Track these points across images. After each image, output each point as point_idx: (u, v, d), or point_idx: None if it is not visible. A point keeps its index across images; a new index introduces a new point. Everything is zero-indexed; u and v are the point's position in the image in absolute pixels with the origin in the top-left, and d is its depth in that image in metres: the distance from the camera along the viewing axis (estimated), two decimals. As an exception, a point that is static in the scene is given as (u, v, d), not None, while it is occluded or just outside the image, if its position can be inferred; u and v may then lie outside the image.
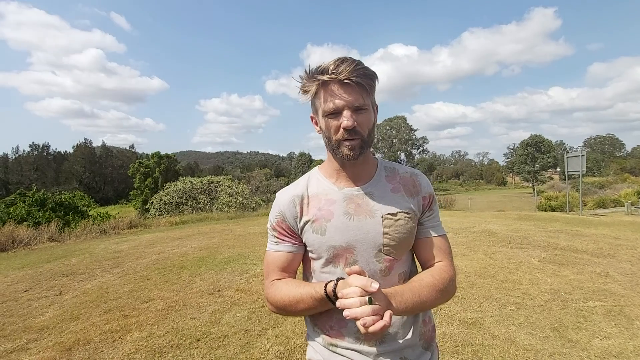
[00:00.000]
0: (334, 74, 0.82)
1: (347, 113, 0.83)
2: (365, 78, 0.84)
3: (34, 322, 3.29)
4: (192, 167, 74.61)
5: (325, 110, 0.86)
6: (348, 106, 0.83)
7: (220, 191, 16.88)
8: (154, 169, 44.93)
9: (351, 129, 0.84)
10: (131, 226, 10.60)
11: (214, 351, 2.60)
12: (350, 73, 0.82)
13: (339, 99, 0.83)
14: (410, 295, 0.83)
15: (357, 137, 0.86)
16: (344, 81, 0.82)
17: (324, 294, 0.83)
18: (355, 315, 0.70)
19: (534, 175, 54.64)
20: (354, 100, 0.83)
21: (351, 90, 0.83)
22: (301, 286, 0.90)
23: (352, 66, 0.82)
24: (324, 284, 0.85)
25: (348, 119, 0.83)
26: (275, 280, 0.96)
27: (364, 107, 0.85)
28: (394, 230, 0.91)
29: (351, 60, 0.84)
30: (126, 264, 5.48)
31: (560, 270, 4.27)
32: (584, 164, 11.41)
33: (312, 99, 0.90)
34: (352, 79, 0.82)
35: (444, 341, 2.62)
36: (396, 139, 63.72)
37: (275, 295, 0.92)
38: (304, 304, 0.87)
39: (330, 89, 0.84)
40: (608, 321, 2.84)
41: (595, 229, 7.34)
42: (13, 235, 7.78)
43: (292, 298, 0.89)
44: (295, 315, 0.95)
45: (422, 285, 0.87)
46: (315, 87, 0.87)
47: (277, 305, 0.92)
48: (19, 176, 59.29)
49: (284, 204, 0.96)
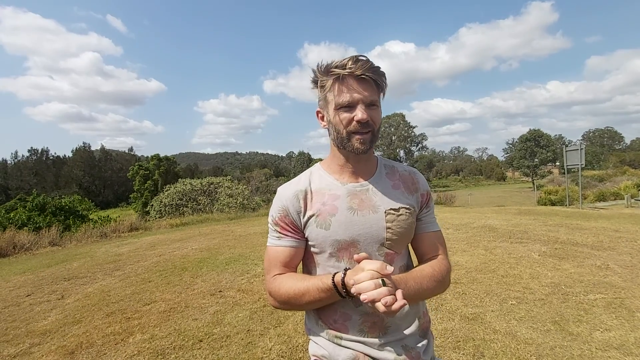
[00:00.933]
0: (350, 69, 0.86)
1: (361, 106, 0.87)
2: (379, 76, 0.89)
3: (36, 326, 3.29)
4: (192, 169, 74.49)
5: (339, 103, 0.89)
6: (363, 100, 0.88)
7: (220, 192, 16.86)
8: (153, 172, 44.88)
9: (365, 122, 0.87)
10: (132, 229, 10.60)
11: (217, 351, 2.61)
12: (367, 70, 0.86)
13: (356, 93, 0.87)
14: (413, 284, 0.88)
15: (369, 130, 0.90)
16: (360, 76, 0.86)
17: (332, 284, 0.84)
18: (373, 297, 0.72)
19: (534, 169, 54.70)
20: (369, 95, 0.88)
21: (366, 86, 0.88)
22: (306, 279, 0.91)
23: (368, 64, 0.87)
24: (330, 275, 0.86)
25: (362, 112, 0.87)
26: (277, 275, 0.97)
27: (376, 103, 0.90)
28: (396, 225, 0.94)
29: (366, 58, 0.89)
30: (127, 266, 5.49)
31: (561, 263, 4.28)
32: (583, 158, 11.42)
33: (324, 93, 0.93)
34: (368, 75, 0.86)
35: (445, 337, 2.63)
36: (395, 137, 63.71)
37: (279, 289, 0.93)
38: (309, 296, 0.88)
39: (346, 83, 0.88)
40: (609, 314, 2.85)
41: (595, 222, 7.35)
42: (14, 240, 7.78)
43: (297, 290, 0.89)
44: (298, 309, 0.95)
45: (422, 275, 0.91)
46: (331, 81, 0.90)
47: (281, 299, 0.93)
48: (19, 181, 59.22)
49: (288, 198, 0.97)
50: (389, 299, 0.71)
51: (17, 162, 64.57)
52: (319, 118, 0.99)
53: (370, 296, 0.72)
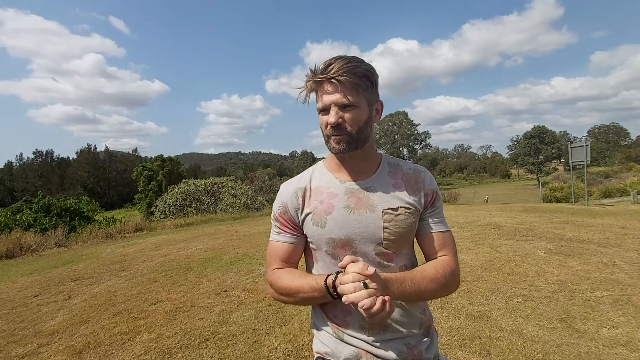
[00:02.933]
0: (323, 73, 0.87)
1: (333, 110, 0.88)
2: (353, 76, 0.86)
3: (44, 326, 3.33)
4: (195, 169, 74.84)
5: (318, 108, 0.92)
6: (335, 103, 0.87)
7: (223, 192, 16.91)
8: (157, 172, 45.07)
9: (335, 125, 0.88)
10: (137, 230, 10.66)
11: (223, 350, 2.62)
12: (337, 72, 0.85)
13: (327, 97, 0.88)
14: (410, 284, 0.86)
15: (343, 133, 0.89)
16: (331, 80, 0.86)
17: (324, 286, 0.86)
18: (350, 299, 0.73)
19: (538, 166, 54.36)
20: (340, 98, 0.87)
21: (340, 88, 0.87)
22: (303, 277, 0.93)
23: (341, 65, 0.86)
24: (324, 276, 0.87)
25: (332, 116, 0.88)
26: (277, 268, 0.99)
27: (353, 103, 0.88)
28: (393, 225, 0.93)
29: (343, 59, 0.88)
30: (133, 267, 5.53)
31: (567, 261, 4.26)
32: (588, 154, 11.33)
33: (309, 97, 0.95)
34: (337, 78, 0.85)
35: (451, 335, 2.62)
36: (398, 135, 63.56)
37: (277, 283, 0.96)
38: (304, 293, 0.90)
39: (322, 87, 0.89)
40: (615, 310, 2.83)
41: (601, 219, 7.29)
42: (20, 241, 7.85)
43: (294, 287, 0.92)
44: (295, 303, 0.97)
45: (423, 276, 0.90)
46: (311, 86, 0.92)
47: (279, 292, 0.96)
48: (24, 183, 59.79)
49: (287, 195, 1.00)
50: (367, 302, 0.71)
51: (23, 164, 65.23)
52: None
53: (349, 299, 0.73)
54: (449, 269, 0.94)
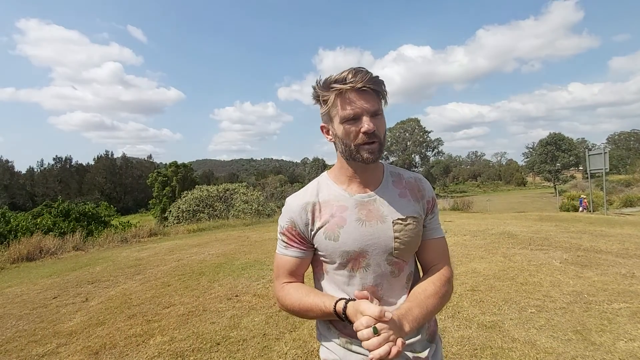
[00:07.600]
0: (351, 82, 0.87)
1: (366, 118, 0.89)
2: (379, 85, 0.90)
3: (63, 327, 3.43)
4: (208, 175, 75.90)
5: (344, 117, 0.90)
6: (367, 111, 0.89)
7: (235, 198, 17.12)
8: (171, 178, 46.00)
9: (371, 132, 0.89)
10: (151, 234, 10.88)
11: (234, 354, 2.66)
12: (367, 81, 0.87)
13: (359, 105, 0.88)
14: (419, 311, 0.89)
15: (376, 140, 0.91)
16: (361, 89, 0.88)
17: (334, 312, 0.88)
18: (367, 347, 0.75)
19: (555, 174, 53.01)
20: (372, 106, 0.89)
21: (368, 97, 0.89)
22: (311, 295, 0.94)
23: (368, 75, 0.88)
24: (334, 300, 0.89)
25: (369, 123, 0.88)
26: (285, 283, 1.01)
27: (379, 112, 0.91)
28: (403, 235, 0.95)
29: (365, 70, 0.90)
30: (147, 270, 5.64)
31: (583, 271, 4.15)
32: (607, 162, 11.05)
33: (327, 108, 0.93)
34: (369, 86, 0.88)
35: (462, 345, 2.59)
36: (410, 142, 63.15)
37: (285, 300, 0.98)
38: (313, 313, 0.93)
39: (347, 97, 0.89)
40: (634, 323, 2.75)
41: (620, 229, 7.08)
42: (40, 245, 8.12)
43: (302, 306, 0.94)
44: (303, 318, 1.01)
45: (427, 296, 0.92)
46: (333, 96, 0.91)
47: (287, 309, 0.99)
48: (45, 188, 61.72)
49: (295, 210, 0.99)
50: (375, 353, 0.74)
51: (43, 169, 67.39)
52: (324, 132, 1.00)
53: (365, 345, 0.76)
54: (445, 279, 0.98)
